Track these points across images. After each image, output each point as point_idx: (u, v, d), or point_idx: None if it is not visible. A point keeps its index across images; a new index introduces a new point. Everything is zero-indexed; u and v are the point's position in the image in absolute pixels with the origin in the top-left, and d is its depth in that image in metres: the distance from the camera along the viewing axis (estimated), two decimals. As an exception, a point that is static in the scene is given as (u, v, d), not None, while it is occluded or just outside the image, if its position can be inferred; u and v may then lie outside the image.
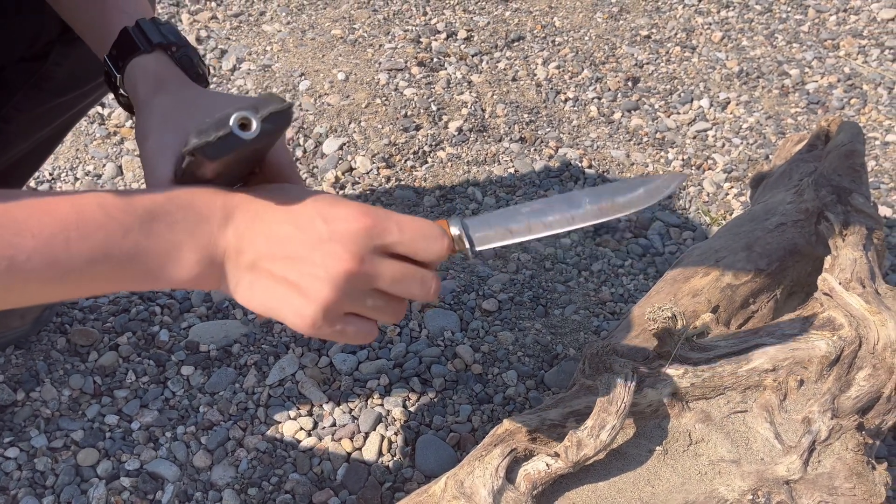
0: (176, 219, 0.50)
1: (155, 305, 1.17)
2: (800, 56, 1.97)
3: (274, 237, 0.51)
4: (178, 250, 0.51)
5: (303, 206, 0.52)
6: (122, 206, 0.49)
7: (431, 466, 0.97)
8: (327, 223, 0.51)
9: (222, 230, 0.52)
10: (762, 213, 1.09)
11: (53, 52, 0.81)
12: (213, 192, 0.53)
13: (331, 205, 0.52)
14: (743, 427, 0.81)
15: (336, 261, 0.50)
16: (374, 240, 0.51)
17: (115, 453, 0.98)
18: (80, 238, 0.47)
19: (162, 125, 0.59)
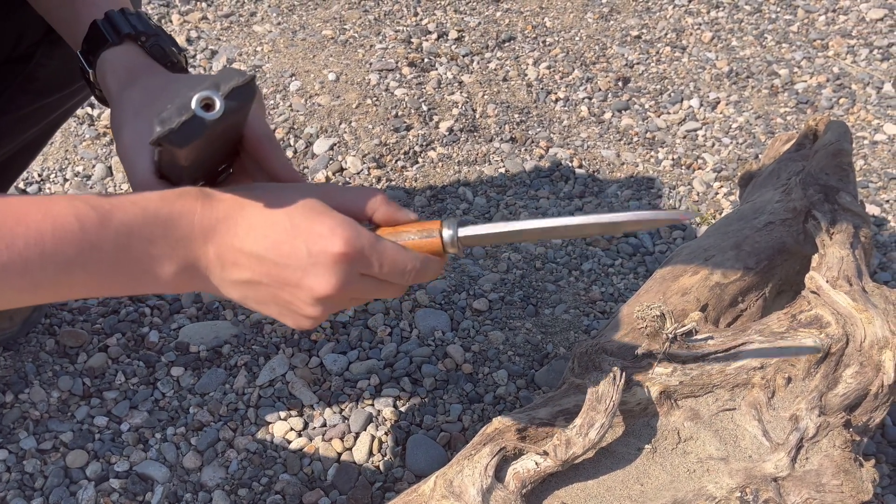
0: (154, 234, 0.50)
1: (144, 307, 1.16)
2: (789, 56, 1.98)
3: (257, 261, 0.52)
4: (157, 263, 0.51)
5: (285, 224, 0.52)
6: (98, 220, 0.48)
7: (422, 466, 0.97)
8: (309, 247, 0.52)
9: (202, 247, 0.52)
10: (751, 212, 1.09)
11: (38, 53, 0.81)
12: (192, 202, 0.52)
13: (314, 222, 0.52)
14: (731, 425, 0.81)
15: (320, 287, 0.53)
16: (354, 267, 0.53)
17: (104, 455, 0.97)
18: (54, 251, 0.46)
19: (135, 118, 0.58)
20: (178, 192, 0.52)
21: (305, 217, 0.52)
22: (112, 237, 0.48)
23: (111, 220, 0.48)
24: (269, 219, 0.52)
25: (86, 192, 0.52)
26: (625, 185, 1.51)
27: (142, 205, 0.50)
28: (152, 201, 0.50)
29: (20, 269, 0.45)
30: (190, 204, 0.51)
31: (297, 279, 0.53)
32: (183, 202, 0.51)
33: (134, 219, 0.49)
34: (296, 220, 0.52)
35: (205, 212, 0.52)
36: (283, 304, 0.55)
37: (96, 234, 0.48)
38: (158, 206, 0.50)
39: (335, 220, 0.53)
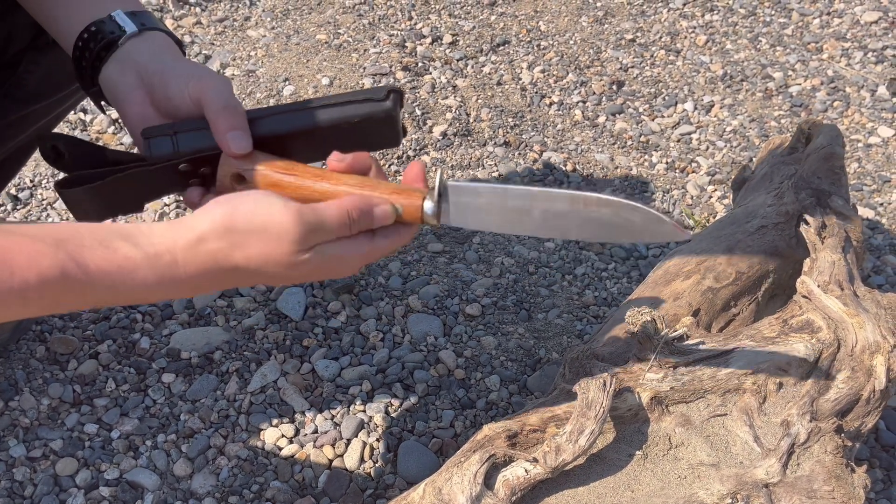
0: (142, 294, 0.55)
1: (136, 312, 1.16)
2: (783, 59, 1.98)
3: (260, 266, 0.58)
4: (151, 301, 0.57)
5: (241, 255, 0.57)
6: (85, 280, 0.52)
7: (413, 473, 0.96)
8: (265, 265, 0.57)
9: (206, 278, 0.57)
10: (743, 216, 1.09)
11: (25, 60, 0.81)
12: (175, 267, 0.55)
13: (260, 241, 0.56)
14: (722, 430, 0.81)
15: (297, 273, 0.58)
16: (306, 245, 0.57)
17: (94, 462, 0.97)
18: (38, 298, 0.50)
19: None
20: (166, 262, 0.55)
21: (250, 221, 0.57)
22: (99, 296, 0.53)
23: (97, 285, 0.52)
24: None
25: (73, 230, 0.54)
26: (619, 189, 1.51)
27: (130, 274, 0.53)
28: (140, 270, 0.54)
29: (3, 308, 0.49)
30: (180, 270, 0.56)
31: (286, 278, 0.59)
32: (173, 271, 0.55)
33: (121, 284, 0.53)
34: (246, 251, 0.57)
35: (192, 266, 0.56)
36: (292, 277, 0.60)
37: (81, 293, 0.52)
38: (146, 275, 0.54)
39: (273, 233, 0.56)
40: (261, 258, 0.56)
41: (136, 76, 0.66)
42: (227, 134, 0.63)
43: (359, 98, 0.65)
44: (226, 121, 0.63)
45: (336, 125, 0.66)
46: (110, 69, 0.67)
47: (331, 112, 0.65)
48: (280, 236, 0.56)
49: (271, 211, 0.56)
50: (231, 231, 0.56)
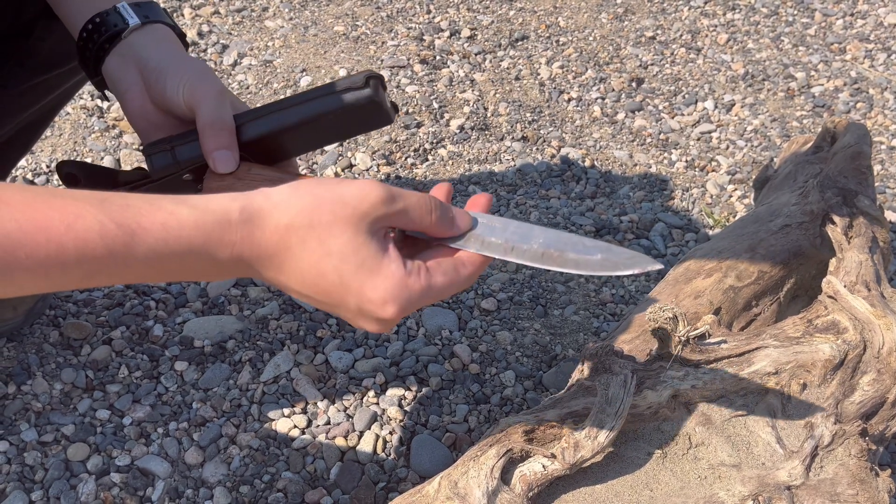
0: (187, 261, 0.49)
1: (150, 300, 1.15)
2: (806, 59, 1.96)
3: (307, 298, 0.54)
4: (195, 276, 0.51)
5: (334, 279, 0.51)
6: (124, 242, 0.46)
7: (426, 466, 0.95)
8: (360, 306, 0.53)
9: (242, 267, 0.52)
10: (766, 215, 1.07)
11: (37, 28, 0.80)
12: (231, 234, 0.50)
13: (364, 284, 0.52)
14: (744, 431, 0.79)
15: (372, 326, 0.55)
16: (402, 312, 0.54)
17: (105, 448, 0.96)
18: (76, 264, 0.45)
19: None
20: (217, 219, 0.49)
21: (356, 275, 0.52)
22: (140, 259, 0.47)
23: (138, 244, 0.47)
24: (317, 268, 0.51)
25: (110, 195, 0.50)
26: (637, 187, 1.49)
27: (175, 231, 0.48)
28: (186, 228, 0.48)
29: (43, 274, 0.45)
30: (228, 237, 0.49)
31: (347, 316, 0.55)
32: (221, 235, 0.49)
33: (164, 245, 0.48)
34: (346, 277, 0.51)
35: (244, 245, 0.50)
36: (337, 315, 0.57)
37: (122, 256, 0.47)
38: (192, 235, 0.48)
39: (387, 284, 0.52)
40: None
41: (135, 71, 0.67)
42: (213, 154, 0.64)
43: (339, 88, 0.65)
44: (212, 139, 0.64)
45: (321, 118, 0.66)
46: (112, 62, 0.67)
47: (313, 106, 0.66)
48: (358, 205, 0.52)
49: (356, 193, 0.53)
50: (313, 226, 0.51)
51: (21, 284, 0.45)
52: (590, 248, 0.59)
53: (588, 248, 0.59)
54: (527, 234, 0.59)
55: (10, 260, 0.43)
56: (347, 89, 0.65)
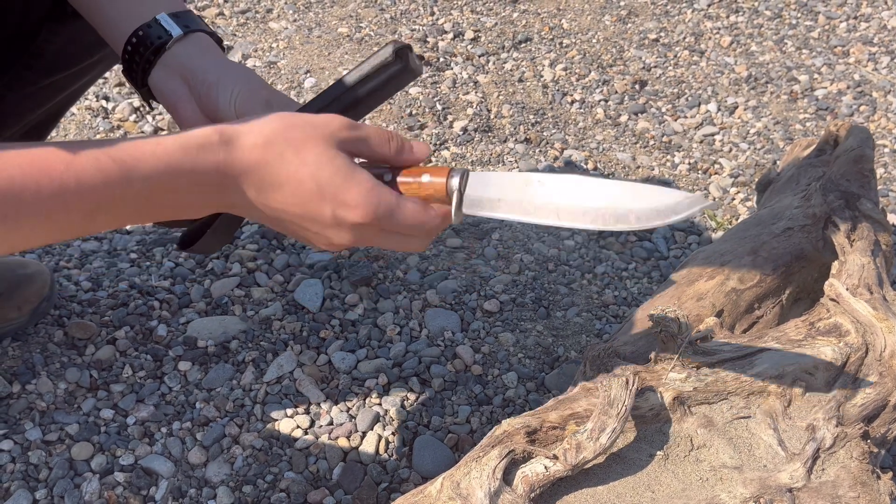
0: (178, 185, 0.53)
1: (154, 300, 1.16)
2: (809, 62, 1.96)
3: (282, 211, 0.57)
4: (182, 206, 0.54)
5: (311, 186, 0.55)
6: (120, 173, 0.50)
7: (428, 467, 0.96)
8: (335, 212, 0.56)
9: (227, 193, 0.55)
10: (769, 218, 1.07)
11: (44, 30, 0.80)
12: (214, 154, 0.54)
13: (339, 188, 0.56)
14: (746, 433, 0.79)
15: (339, 239, 0.58)
16: (373, 230, 0.58)
17: (109, 448, 0.97)
18: (78, 201, 0.49)
19: None
20: (199, 143, 0.53)
21: (331, 180, 0.56)
22: (136, 190, 0.51)
23: (134, 174, 0.50)
24: (296, 177, 0.55)
25: (105, 139, 0.54)
26: (640, 189, 1.49)
27: (164, 158, 0.52)
28: (174, 154, 0.52)
29: (45, 216, 0.48)
30: (212, 157, 0.54)
31: (317, 230, 0.58)
32: (205, 155, 0.53)
33: (157, 172, 0.51)
34: (322, 183, 0.55)
35: (228, 163, 0.54)
36: (301, 236, 0.60)
37: (120, 188, 0.50)
38: (181, 158, 0.52)
39: (359, 188, 0.56)
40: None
41: (181, 81, 0.69)
42: None
43: (375, 67, 0.68)
44: None
45: (369, 98, 0.70)
46: (158, 74, 0.69)
47: (362, 89, 0.69)
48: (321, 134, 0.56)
49: None
50: (280, 140, 0.56)
51: (27, 232, 0.48)
52: (643, 194, 0.55)
53: (640, 195, 0.55)
54: (591, 190, 0.55)
55: (15, 203, 0.46)
56: (382, 66, 0.68)
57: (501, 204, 0.59)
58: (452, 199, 0.60)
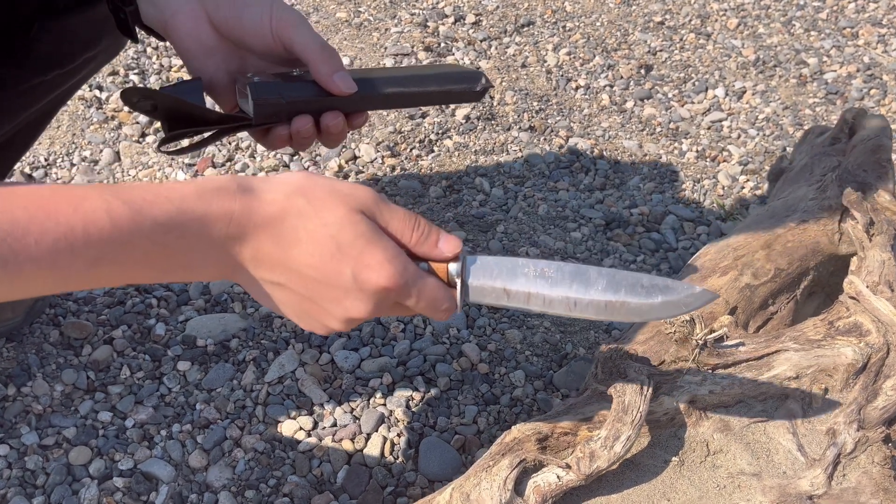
0: (188, 233, 0.49)
1: (151, 297, 1.13)
2: (818, 44, 1.92)
3: (296, 275, 0.52)
4: (191, 260, 0.50)
5: (331, 247, 0.51)
6: (130, 217, 0.47)
7: (435, 470, 0.93)
8: (355, 275, 0.52)
9: (238, 245, 0.51)
10: (783, 210, 1.04)
11: (35, 27, 0.77)
12: (229, 202, 0.50)
13: (363, 251, 0.52)
14: (764, 438, 0.77)
15: (355, 311, 0.53)
16: (392, 300, 0.54)
17: (108, 452, 0.94)
18: (84, 247, 0.45)
19: None
20: (216, 187, 0.50)
21: (354, 243, 0.52)
22: (145, 234, 0.47)
23: (144, 217, 0.47)
24: (315, 237, 0.51)
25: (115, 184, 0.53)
26: (647, 178, 1.46)
27: (177, 202, 0.49)
28: (187, 198, 0.49)
29: (49, 263, 0.44)
30: (228, 203, 0.50)
31: (334, 298, 0.53)
32: (220, 201, 0.50)
33: (168, 217, 0.48)
34: (343, 245, 0.52)
35: (244, 213, 0.51)
36: (307, 312, 0.55)
37: (128, 232, 0.47)
38: (193, 203, 0.49)
39: (385, 253, 0.52)
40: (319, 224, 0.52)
41: None
42: (334, 76, 0.64)
43: (455, 84, 0.70)
44: (329, 63, 0.64)
45: (427, 99, 0.71)
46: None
47: (428, 89, 0.70)
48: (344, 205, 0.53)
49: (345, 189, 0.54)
50: (305, 193, 0.52)
51: (28, 278, 0.44)
52: (649, 289, 0.58)
53: (648, 291, 0.57)
54: (586, 279, 0.57)
55: (18, 248, 0.43)
56: (464, 91, 0.70)
57: (509, 295, 0.58)
58: (457, 287, 0.57)
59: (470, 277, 0.57)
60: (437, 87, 0.69)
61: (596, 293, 0.57)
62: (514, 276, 0.57)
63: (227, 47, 0.68)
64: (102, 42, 0.85)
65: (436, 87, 0.69)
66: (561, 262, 0.59)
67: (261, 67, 0.69)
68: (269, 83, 0.65)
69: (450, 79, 0.70)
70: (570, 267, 0.58)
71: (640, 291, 0.57)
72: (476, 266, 0.58)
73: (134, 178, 1.34)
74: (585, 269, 0.58)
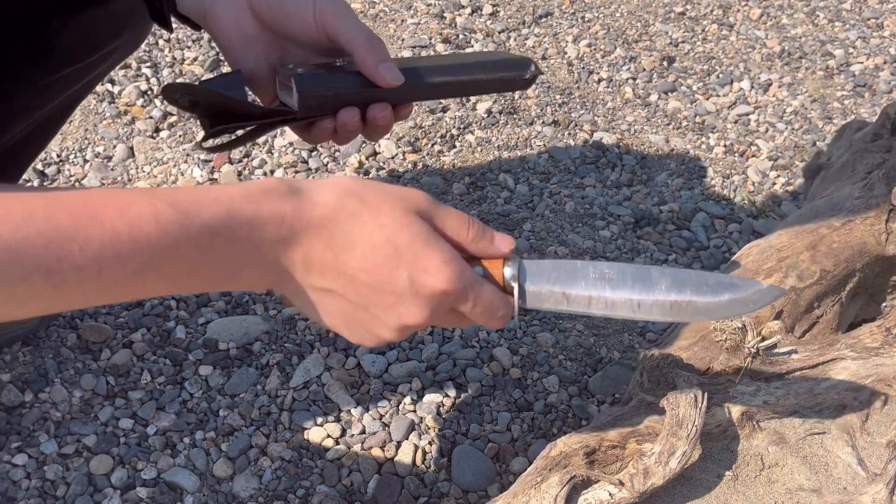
0: (238, 236, 0.46)
1: (170, 299, 1.10)
2: (843, 35, 1.87)
3: (349, 279, 0.50)
4: (239, 266, 0.48)
5: (387, 249, 0.49)
6: (177, 220, 0.44)
7: (469, 480, 0.90)
8: (412, 278, 0.49)
9: (288, 249, 0.49)
10: (827, 209, 1.01)
11: (53, 22, 0.73)
12: (280, 202, 0.48)
13: (420, 253, 0.49)
14: (821, 451, 0.73)
15: (410, 317, 0.50)
16: (449, 305, 0.51)
17: (130, 460, 0.91)
18: (130, 254, 0.43)
19: None
20: (265, 189, 0.48)
21: (411, 245, 0.49)
22: (193, 238, 0.45)
23: (192, 220, 0.45)
24: (370, 239, 0.49)
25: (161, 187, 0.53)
26: (675, 173, 1.42)
27: (225, 203, 0.46)
28: (236, 200, 0.46)
29: (94, 272, 0.42)
30: (278, 204, 0.48)
31: (388, 304, 0.50)
32: (271, 202, 0.47)
33: (216, 219, 0.45)
34: (400, 247, 0.49)
35: (295, 215, 0.48)
36: (359, 322, 0.52)
37: (176, 236, 0.44)
38: (243, 205, 0.46)
39: (442, 256, 0.50)
40: None
41: None
42: (380, 67, 0.61)
43: (504, 71, 0.67)
44: (375, 53, 0.61)
45: (475, 88, 0.69)
46: None
47: (477, 77, 0.67)
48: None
49: None
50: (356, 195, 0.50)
51: (71, 289, 0.42)
52: (716, 286, 0.55)
53: (715, 287, 0.55)
54: (649, 280, 0.55)
55: (62, 255, 0.40)
56: (513, 79, 0.67)
57: (569, 300, 0.55)
58: (514, 292, 0.54)
59: (527, 282, 0.55)
60: (485, 75, 0.66)
61: (660, 294, 0.55)
62: (574, 280, 0.55)
63: (268, 37, 0.65)
64: (123, 36, 0.82)
65: (484, 75, 0.66)
66: (621, 264, 0.57)
67: (302, 58, 0.66)
68: (314, 75, 0.62)
69: (498, 66, 0.67)
70: (632, 268, 0.56)
71: (706, 290, 0.55)
72: (533, 270, 0.55)
73: (149, 174, 1.31)
74: (647, 270, 0.56)
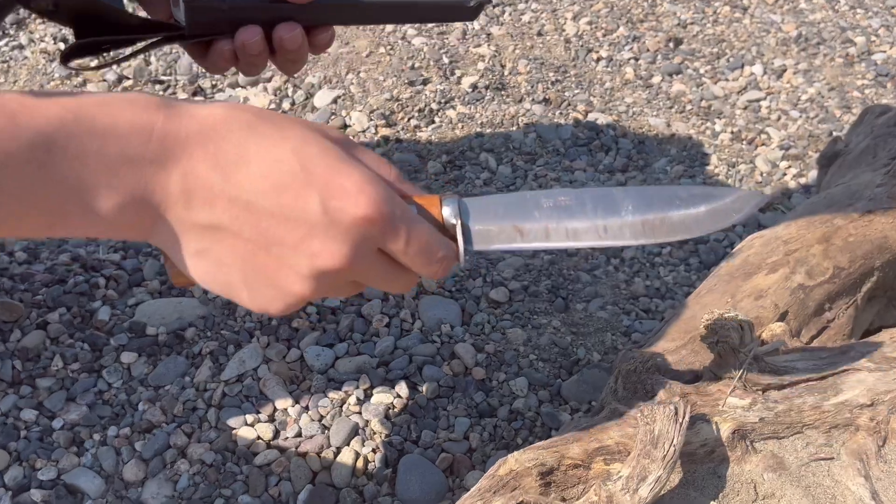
0: (86, 149, 0.36)
1: (98, 276, 0.98)
2: (865, 23, 1.74)
3: (242, 206, 0.38)
4: (91, 191, 0.36)
5: (293, 165, 0.38)
6: (5, 124, 0.34)
7: (415, 495, 0.78)
8: (326, 201, 0.38)
9: (160, 172, 0.38)
10: (844, 198, 0.88)
11: None
12: (149, 112, 0.37)
13: (332, 170, 0.39)
14: (827, 480, 0.61)
15: (327, 257, 0.39)
16: (375, 241, 0.41)
17: (28, 457, 0.79)
18: (47, 151, 0.34)
19: None
20: (129, 98, 0.38)
21: (323, 163, 0.39)
22: (25, 148, 0.34)
23: (23, 128, 0.34)
24: (271, 153, 0.38)
25: None
26: (675, 160, 1.29)
27: (72, 108, 0.36)
28: (87, 105, 0.36)
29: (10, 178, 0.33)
30: (144, 114, 0.37)
31: (296, 239, 0.39)
32: (134, 110, 0.37)
33: (57, 126, 0.35)
34: (309, 164, 0.38)
35: (168, 127, 0.37)
36: (261, 271, 0.40)
37: (4, 144, 0.34)
38: (95, 111, 0.36)
39: (363, 175, 0.39)
40: None
41: None
42: None
43: None
44: None
45: (410, 14, 0.61)
46: None
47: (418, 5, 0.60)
48: None
49: None
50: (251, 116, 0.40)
51: None
52: (688, 198, 0.47)
53: (688, 200, 0.47)
54: (611, 202, 0.46)
55: None
56: (456, 3, 0.60)
57: (523, 234, 0.45)
58: (457, 234, 0.44)
59: (470, 220, 0.45)
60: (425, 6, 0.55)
61: (627, 214, 0.47)
62: (526, 211, 0.46)
63: None
64: None
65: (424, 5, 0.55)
66: (577, 189, 0.49)
67: None
68: None
69: None
70: (590, 192, 0.47)
71: (679, 203, 0.47)
72: (476, 207, 0.45)
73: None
74: (609, 191, 0.47)
